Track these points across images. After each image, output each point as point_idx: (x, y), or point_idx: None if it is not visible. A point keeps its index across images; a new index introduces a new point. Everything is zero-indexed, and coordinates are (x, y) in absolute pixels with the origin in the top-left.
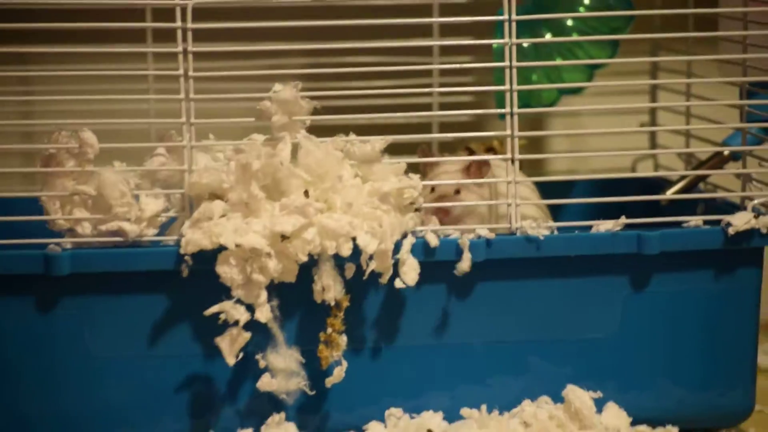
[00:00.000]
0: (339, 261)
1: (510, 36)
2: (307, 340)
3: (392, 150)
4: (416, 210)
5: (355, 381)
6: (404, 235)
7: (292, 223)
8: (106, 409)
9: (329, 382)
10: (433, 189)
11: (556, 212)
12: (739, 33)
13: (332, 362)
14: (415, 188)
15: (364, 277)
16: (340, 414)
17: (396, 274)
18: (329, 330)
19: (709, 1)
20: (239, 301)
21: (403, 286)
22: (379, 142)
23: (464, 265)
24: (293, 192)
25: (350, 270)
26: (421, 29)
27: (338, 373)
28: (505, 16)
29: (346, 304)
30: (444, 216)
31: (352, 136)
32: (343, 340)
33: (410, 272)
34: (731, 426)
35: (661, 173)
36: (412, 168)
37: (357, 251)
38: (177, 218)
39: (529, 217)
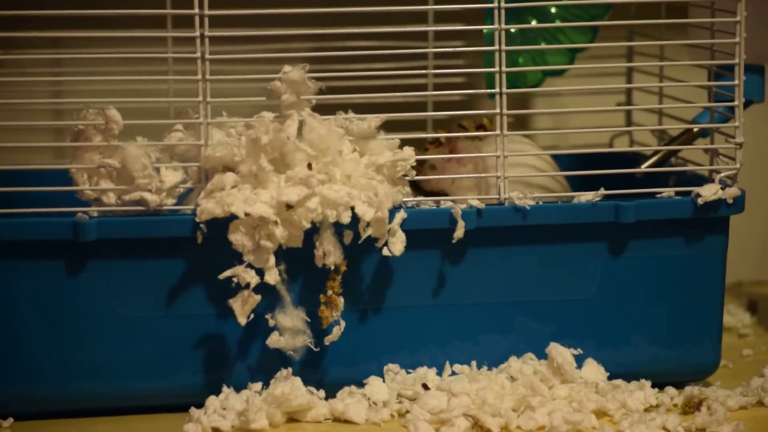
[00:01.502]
0: (338, 228)
1: (499, 22)
2: (311, 301)
3: (391, 127)
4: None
5: (356, 339)
6: (397, 207)
7: (297, 193)
8: (130, 364)
9: (328, 340)
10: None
11: None
12: (708, 20)
13: (332, 322)
14: (407, 160)
15: (360, 242)
16: (342, 369)
17: None
18: (329, 292)
19: None
20: (250, 266)
21: (389, 254)
22: (375, 119)
23: (459, 233)
24: (298, 165)
25: (348, 236)
26: (417, 16)
27: (336, 332)
28: (495, 4)
29: (344, 268)
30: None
31: (351, 114)
32: (341, 301)
33: (397, 243)
34: (699, 379)
35: (636, 148)
36: (412, 143)
37: (355, 219)
38: (194, 189)
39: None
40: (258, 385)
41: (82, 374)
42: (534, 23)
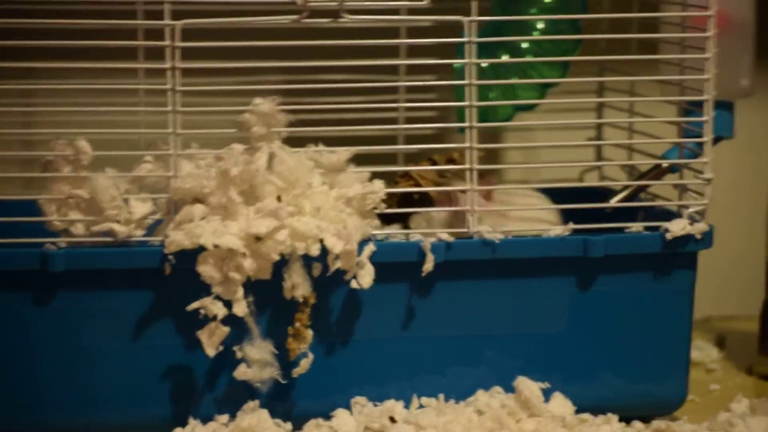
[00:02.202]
0: (307, 261)
1: (470, 56)
2: (279, 333)
3: (362, 161)
4: (377, 213)
5: (323, 371)
6: (366, 240)
7: (266, 225)
8: (97, 395)
9: (296, 372)
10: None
11: None
12: (677, 56)
13: (299, 354)
14: (376, 194)
15: (328, 274)
16: (309, 401)
17: None
18: (297, 324)
19: (650, 27)
20: (218, 297)
21: (358, 287)
22: (345, 152)
23: (428, 265)
24: (267, 197)
25: (317, 269)
26: (389, 50)
27: (304, 364)
28: (466, 39)
29: (312, 300)
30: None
31: (321, 147)
32: (310, 333)
33: (366, 276)
34: (666, 414)
35: (605, 183)
36: (383, 176)
37: (324, 252)
38: (162, 221)
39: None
40: (225, 417)
41: (48, 405)
42: (505, 58)
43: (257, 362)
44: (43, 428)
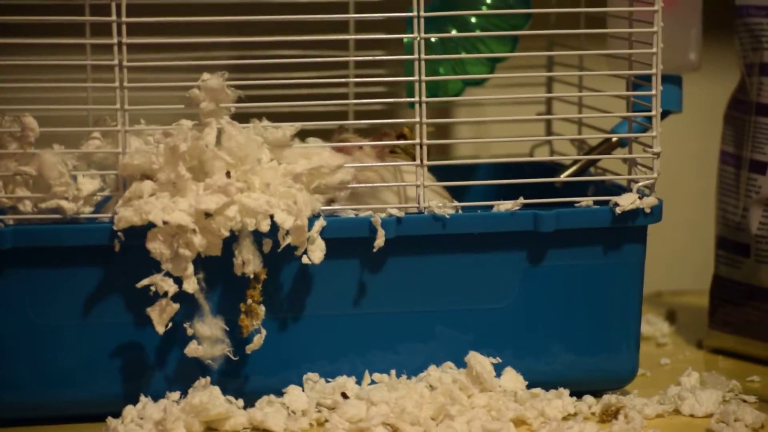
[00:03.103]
0: (258, 237)
1: (419, 31)
2: (231, 309)
3: (313, 136)
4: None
5: (275, 348)
6: (316, 216)
7: (216, 201)
8: (46, 373)
9: (249, 348)
10: None
11: (461, 193)
12: (626, 30)
13: (252, 330)
14: (324, 170)
15: (279, 250)
16: (261, 378)
17: None
18: (249, 300)
19: (598, 1)
20: (168, 274)
21: (309, 262)
22: (290, 128)
23: (379, 241)
24: (216, 173)
25: (267, 245)
26: (338, 25)
27: (257, 341)
28: (415, 14)
29: (263, 276)
30: None
31: (266, 122)
32: (262, 310)
33: (317, 251)
34: (617, 388)
35: (555, 158)
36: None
37: (274, 227)
38: (111, 197)
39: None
40: (176, 395)
41: None
42: (454, 32)
43: (208, 339)
44: None
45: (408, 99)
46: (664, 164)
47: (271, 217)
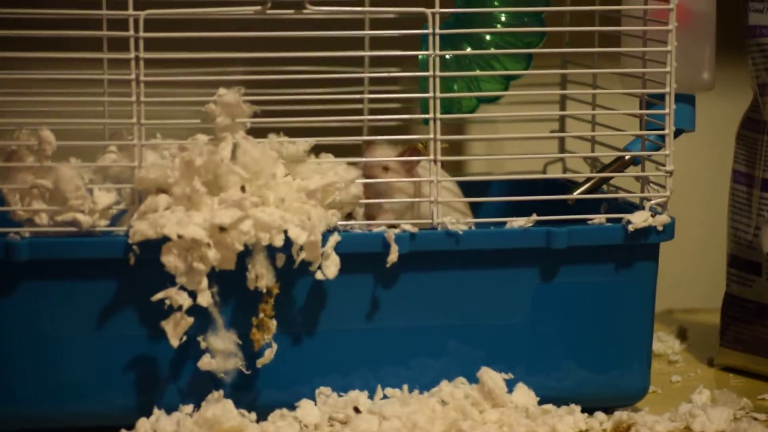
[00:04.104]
0: (271, 251)
1: (433, 48)
2: (243, 323)
3: (328, 151)
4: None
5: (287, 362)
6: (330, 231)
7: (230, 215)
8: (61, 385)
9: (260, 363)
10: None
11: (474, 210)
12: (639, 50)
13: (263, 344)
14: (338, 185)
15: (294, 266)
16: (273, 392)
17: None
18: (261, 315)
19: (612, 20)
20: (182, 288)
21: (323, 278)
22: (305, 143)
23: (392, 256)
24: (231, 187)
25: (281, 259)
26: (354, 42)
27: (268, 355)
28: (430, 31)
29: (276, 291)
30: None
31: (283, 137)
32: (273, 324)
33: (331, 266)
34: (628, 405)
35: (568, 175)
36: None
37: (288, 242)
38: (127, 211)
39: (452, 213)
40: (189, 408)
41: (12, 395)
42: (469, 50)
43: (221, 353)
44: (7, 419)
45: (422, 116)
46: (676, 182)
47: (285, 232)
